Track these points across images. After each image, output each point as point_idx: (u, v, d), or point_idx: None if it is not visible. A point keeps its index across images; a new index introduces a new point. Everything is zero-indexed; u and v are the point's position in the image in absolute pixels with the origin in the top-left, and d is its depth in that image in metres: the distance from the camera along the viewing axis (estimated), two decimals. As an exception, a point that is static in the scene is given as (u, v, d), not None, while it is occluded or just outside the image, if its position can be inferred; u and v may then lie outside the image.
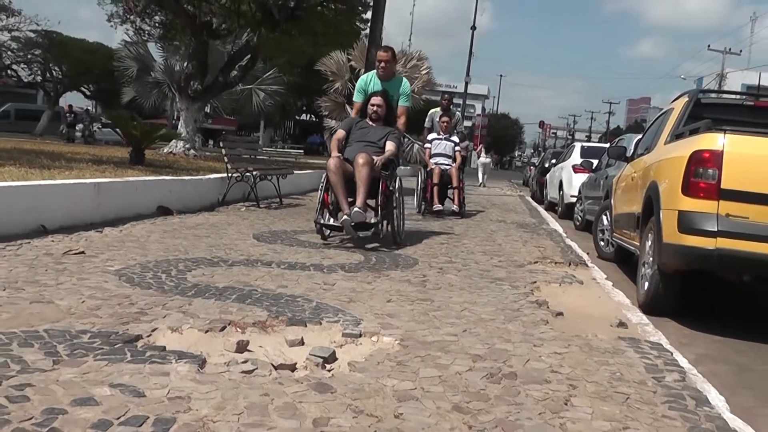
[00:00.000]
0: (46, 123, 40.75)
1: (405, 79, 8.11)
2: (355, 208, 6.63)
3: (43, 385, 2.54)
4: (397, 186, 7.33)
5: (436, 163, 11.83)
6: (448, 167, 11.81)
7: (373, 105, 7.51)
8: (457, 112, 13.83)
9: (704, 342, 4.67)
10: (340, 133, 7.50)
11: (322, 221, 6.97)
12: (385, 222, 7.16)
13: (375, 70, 8.04)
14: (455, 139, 12.26)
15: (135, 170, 10.64)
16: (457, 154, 12.11)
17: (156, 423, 2.32)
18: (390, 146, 7.30)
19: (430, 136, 12.40)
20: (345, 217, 6.65)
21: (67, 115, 37.15)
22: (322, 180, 7.12)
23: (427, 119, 12.94)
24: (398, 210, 7.31)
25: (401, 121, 7.77)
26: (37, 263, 4.73)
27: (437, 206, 11.34)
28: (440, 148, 12.08)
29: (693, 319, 5.17)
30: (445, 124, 12.17)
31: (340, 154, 7.12)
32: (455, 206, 11.65)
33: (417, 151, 27.30)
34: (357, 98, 7.96)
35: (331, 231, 7.12)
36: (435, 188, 11.55)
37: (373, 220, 6.91)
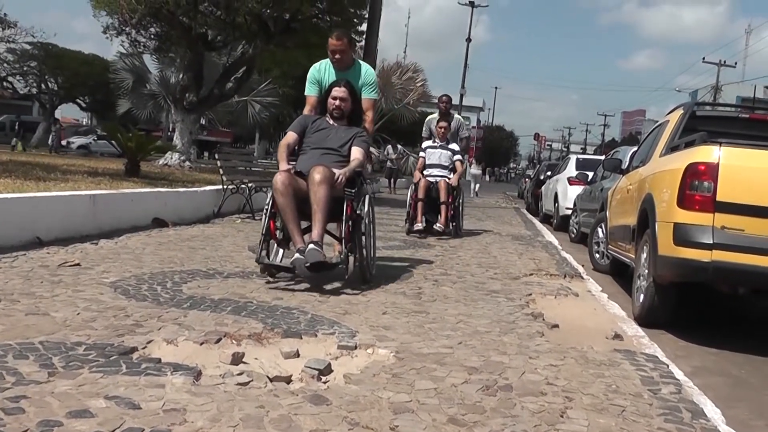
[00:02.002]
0: (42, 135, 40.79)
1: (366, 65, 6.46)
2: (311, 245, 4.97)
3: (38, 397, 2.53)
4: (366, 209, 5.53)
5: (428, 175, 10.15)
6: (439, 179, 10.02)
7: (335, 98, 5.78)
8: (459, 116, 11.75)
9: (700, 354, 4.68)
10: (290, 136, 5.74)
11: (267, 261, 5.24)
12: (351, 258, 5.38)
13: (329, 58, 6.31)
14: (454, 146, 10.48)
15: (130, 182, 10.67)
16: (457, 163, 10.35)
17: (151, 435, 2.31)
18: (357, 153, 5.61)
19: (424, 144, 10.71)
20: (297, 255, 4.97)
21: (15, 124, 37.32)
22: (267, 203, 5.35)
23: (424, 128, 11.11)
24: (368, 238, 5.56)
25: (368, 119, 6.18)
26: (32, 275, 4.72)
27: (417, 225, 9.63)
28: (435, 157, 10.33)
29: (689, 331, 5.18)
30: (443, 129, 10.40)
31: (290, 167, 5.43)
32: (439, 225, 9.78)
33: (412, 163, 27.38)
34: (310, 91, 6.29)
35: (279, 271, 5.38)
36: (419, 204, 9.81)
37: (335, 259, 5.32)
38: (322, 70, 6.32)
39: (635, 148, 8.53)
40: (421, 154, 10.68)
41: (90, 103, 50.28)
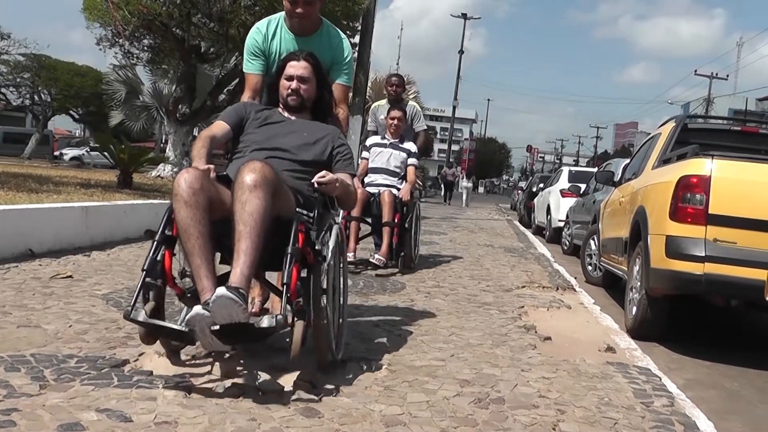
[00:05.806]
0: (35, 146, 40.70)
1: (341, 34, 4.43)
2: (222, 290, 2.78)
3: (29, 410, 2.52)
4: (332, 246, 3.29)
5: (368, 184, 7.32)
6: (383, 190, 7.09)
7: (290, 78, 3.75)
8: (414, 104, 8.44)
9: (693, 367, 4.68)
10: (218, 126, 3.67)
11: (143, 318, 2.90)
12: (301, 323, 3.01)
13: (282, 14, 4.26)
14: (410, 146, 7.55)
15: (123, 194, 10.65)
16: (410, 169, 7.46)
17: (143, 449, 2.30)
18: (346, 178, 3.62)
19: (369, 141, 7.75)
20: (197, 309, 2.80)
21: None
22: (162, 222, 3.12)
23: (369, 118, 8.28)
24: (331, 295, 3.31)
25: (343, 114, 4.21)
26: (24, 287, 4.70)
27: (348, 255, 6.15)
28: (382, 159, 7.44)
29: (681, 343, 5.18)
30: (395, 121, 7.44)
31: (209, 167, 3.17)
32: (379, 255, 6.87)
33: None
34: (251, 67, 4.23)
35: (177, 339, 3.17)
36: (352, 224, 6.95)
37: (266, 321, 2.83)
38: (269, 34, 4.24)
39: (627, 161, 8.55)
40: (364, 154, 7.72)
41: (83, 115, 50.09)
